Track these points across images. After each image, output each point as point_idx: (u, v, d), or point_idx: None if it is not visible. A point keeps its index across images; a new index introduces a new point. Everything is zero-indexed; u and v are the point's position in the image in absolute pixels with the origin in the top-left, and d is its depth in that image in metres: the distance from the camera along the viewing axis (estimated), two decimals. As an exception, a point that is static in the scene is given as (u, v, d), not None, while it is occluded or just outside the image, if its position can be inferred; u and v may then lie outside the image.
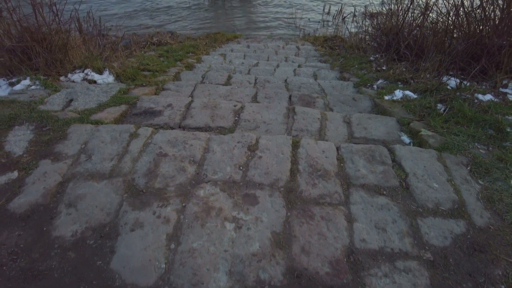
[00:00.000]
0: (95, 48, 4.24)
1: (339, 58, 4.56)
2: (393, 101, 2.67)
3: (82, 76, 3.02)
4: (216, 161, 1.64)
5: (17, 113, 2.16)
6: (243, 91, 2.77)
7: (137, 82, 2.91)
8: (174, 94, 2.67)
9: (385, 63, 3.92)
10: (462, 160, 1.77)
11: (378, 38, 4.65)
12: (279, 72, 3.65)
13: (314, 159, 1.66)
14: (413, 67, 3.57)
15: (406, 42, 3.86)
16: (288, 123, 2.14)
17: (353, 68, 3.85)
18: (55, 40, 3.15)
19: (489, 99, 2.60)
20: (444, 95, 2.69)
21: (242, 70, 3.67)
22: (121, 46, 4.77)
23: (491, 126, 2.14)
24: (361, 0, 9.36)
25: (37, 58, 2.97)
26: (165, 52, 4.30)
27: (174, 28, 8.16)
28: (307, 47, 5.74)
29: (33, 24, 3.20)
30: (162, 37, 5.51)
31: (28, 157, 1.77)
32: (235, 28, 8.43)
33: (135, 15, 9.21)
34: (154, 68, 3.40)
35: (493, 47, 3.22)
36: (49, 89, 2.62)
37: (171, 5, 9.95)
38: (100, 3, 9.96)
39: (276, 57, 4.75)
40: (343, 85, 3.13)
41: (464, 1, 3.71)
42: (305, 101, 2.63)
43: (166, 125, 2.10)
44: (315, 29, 8.16)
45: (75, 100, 2.42)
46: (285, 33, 8.10)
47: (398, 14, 4.42)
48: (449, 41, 3.74)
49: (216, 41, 6.04)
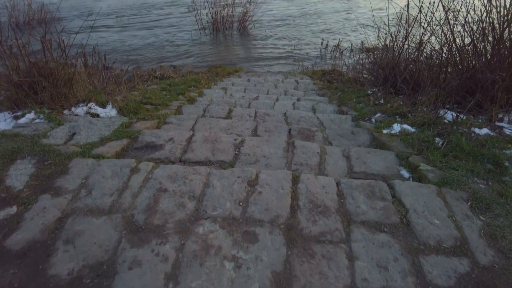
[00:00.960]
0: (99, 81, 4.37)
1: (337, 91, 4.67)
2: (391, 135, 2.71)
3: (86, 109, 3.08)
4: (216, 196, 1.64)
5: (20, 147, 2.18)
6: (243, 124, 2.82)
7: (140, 115, 2.97)
8: (176, 128, 2.71)
9: (382, 97, 4.01)
10: (462, 196, 1.77)
11: (375, 72, 4.79)
12: (278, 105, 3.73)
13: (314, 195, 1.66)
14: (410, 101, 3.65)
15: (403, 76, 3.97)
16: (288, 157, 2.16)
17: (351, 101, 3.93)
18: (61, 74, 3.25)
19: (485, 133, 2.64)
20: (442, 128, 2.73)
21: (243, 104, 3.75)
22: (124, 79, 4.91)
23: (490, 160, 2.15)
24: (358, 35, 9.73)
25: (43, 92, 3.05)
26: (168, 86, 4.41)
27: (176, 62, 8.42)
28: (305, 81, 5.90)
29: (41, 59, 3.32)
30: (164, 71, 5.68)
31: (28, 191, 1.77)
32: (236, 62, 8.69)
33: (139, 49, 9.54)
34: (156, 101, 3.48)
35: (487, 81, 3.31)
36: (53, 122, 2.67)
37: (175, 40, 10.32)
38: (106, 39, 10.34)
39: (276, 90, 4.87)
40: (342, 119, 3.19)
41: (456, 38, 3.86)
42: (304, 134, 2.67)
43: (167, 159, 2.12)
44: (314, 63, 8.41)
45: (78, 134, 2.46)
46: (284, 67, 8.34)
47: (394, 49, 4.58)
48: (444, 76, 3.85)
49: (218, 75, 6.22)
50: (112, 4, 15.34)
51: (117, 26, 11.86)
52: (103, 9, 14.29)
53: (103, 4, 15.28)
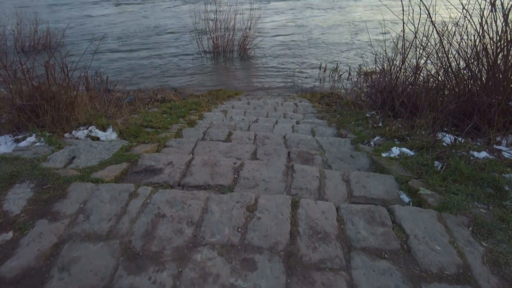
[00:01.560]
0: (100, 104, 4.42)
1: (335, 114, 4.72)
2: (390, 158, 2.71)
3: (86, 133, 3.10)
4: (214, 222, 1.63)
5: (19, 170, 2.18)
6: (243, 147, 2.83)
7: (140, 139, 2.98)
8: (175, 151, 2.72)
9: (381, 120, 4.05)
10: (463, 221, 1.75)
11: (373, 95, 4.86)
12: (278, 128, 3.76)
13: (314, 221, 1.65)
14: (408, 124, 3.68)
15: (400, 100, 4.03)
16: (287, 181, 2.16)
17: (349, 124, 3.97)
18: (63, 98, 3.29)
19: (484, 156, 2.64)
20: (440, 152, 2.74)
21: (242, 127, 3.78)
22: (125, 102, 4.97)
23: (489, 184, 2.15)
24: (355, 60, 9.94)
25: (44, 115, 3.08)
26: (168, 109, 4.46)
27: (178, 85, 8.55)
28: (304, 103, 5.98)
29: (44, 82, 3.37)
30: (166, 94, 5.77)
31: (25, 216, 1.75)
32: (236, 85, 8.83)
33: (141, 72, 9.72)
34: (157, 125, 3.51)
35: (483, 105, 3.35)
36: (53, 146, 2.68)
37: (176, 64, 10.53)
38: (109, 62, 10.55)
39: (275, 113, 4.93)
40: (341, 142, 3.21)
41: (451, 62, 3.94)
42: (303, 158, 2.67)
43: (166, 184, 2.12)
44: (312, 86, 8.54)
45: (78, 158, 2.46)
46: (283, 90, 8.47)
47: (391, 73, 4.67)
48: (441, 99, 3.90)
49: (218, 98, 6.30)
50: (118, 29, 15.77)
51: (120, 50, 12.14)
52: (111, 33, 14.70)
53: (116, 29, 15.71)
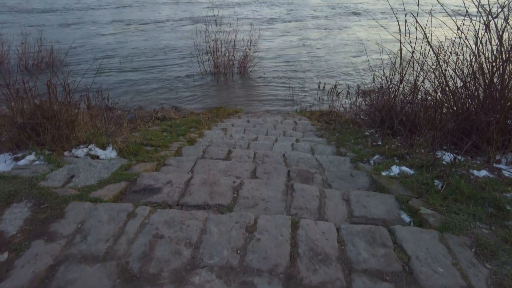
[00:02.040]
0: (101, 122, 4.44)
1: (335, 132, 4.74)
2: (390, 177, 2.70)
3: (86, 151, 3.11)
4: (213, 243, 1.60)
5: (17, 190, 2.17)
6: (242, 166, 2.82)
7: (139, 157, 2.98)
8: (175, 170, 2.72)
9: (380, 138, 4.06)
10: (465, 241, 1.73)
11: (372, 114, 4.90)
12: (277, 146, 3.77)
13: (314, 242, 1.62)
14: (407, 142, 3.69)
15: (399, 118, 4.05)
16: (287, 201, 2.14)
17: (349, 142, 3.98)
18: (64, 117, 3.31)
19: (484, 175, 2.64)
20: (440, 171, 2.73)
21: (242, 145, 3.79)
22: (126, 120, 5.00)
23: (491, 204, 2.13)
24: (353, 79, 10.07)
25: (45, 134, 3.09)
26: (169, 127, 4.48)
27: (178, 103, 8.62)
28: (304, 121, 6.01)
29: (46, 101, 3.40)
30: (166, 112, 5.81)
31: (22, 237, 1.73)
32: (236, 103, 8.90)
33: (142, 90, 9.82)
34: (157, 143, 3.51)
35: (482, 123, 3.36)
36: (52, 164, 2.68)
37: (177, 82, 10.66)
38: (111, 80, 10.68)
39: (275, 131, 4.95)
40: (340, 160, 3.21)
41: (448, 81, 3.99)
42: (303, 176, 2.66)
43: (165, 203, 2.10)
44: (311, 104, 8.61)
45: (77, 176, 2.45)
46: (283, 108, 8.54)
47: (390, 91, 4.72)
48: (439, 117, 3.92)
49: (218, 116, 6.34)
50: (124, 48, 16.05)
51: (123, 68, 12.30)
52: (116, 52, 14.95)
53: (122, 48, 15.99)
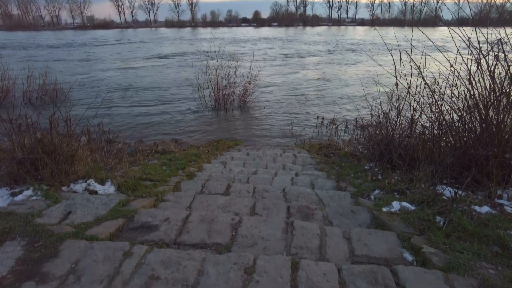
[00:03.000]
0: (101, 156, 4.45)
1: (334, 166, 4.74)
2: (391, 213, 2.67)
3: (84, 186, 3.09)
4: (210, 285, 1.55)
5: (11, 227, 2.13)
6: (241, 201, 2.79)
7: (138, 193, 2.96)
8: (173, 206, 2.68)
9: (379, 172, 4.05)
10: (471, 283, 1.67)
11: (370, 147, 4.92)
12: (277, 181, 3.75)
13: (315, 284, 1.57)
14: (407, 177, 3.67)
15: (398, 153, 4.07)
16: (287, 239, 2.10)
17: (349, 177, 3.97)
18: (64, 151, 3.32)
19: (487, 211, 2.60)
20: (441, 206, 2.70)
21: (241, 179, 3.77)
22: (126, 153, 5.01)
23: (495, 242, 2.09)
24: (351, 113, 10.23)
25: (44, 169, 3.08)
26: (168, 161, 4.49)
27: (179, 136, 8.70)
28: (303, 154, 6.03)
29: (47, 135, 3.43)
30: (166, 145, 5.84)
31: (12, 278, 1.67)
32: (236, 136, 8.99)
33: (143, 123, 9.95)
34: (155, 177, 3.50)
35: (480, 157, 3.36)
36: (49, 200, 2.65)
37: (178, 116, 10.84)
38: (113, 113, 10.85)
39: (274, 164, 4.95)
40: (341, 196, 3.18)
41: (444, 116, 4.04)
42: (303, 213, 2.63)
43: (162, 242, 2.05)
44: (311, 136, 8.69)
45: (73, 213, 2.42)
46: (282, 140, 8.61)
47: (387, 125, 4.78)
48: (438, 151, 3.93)
49: (218, 149, 6.37)
50: (131, 82, 16.47)
51: (127, 101, 12.56)
52: (122, 86, 15.35)
53: (128, 82, 16.38)
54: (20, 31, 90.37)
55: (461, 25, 3.62)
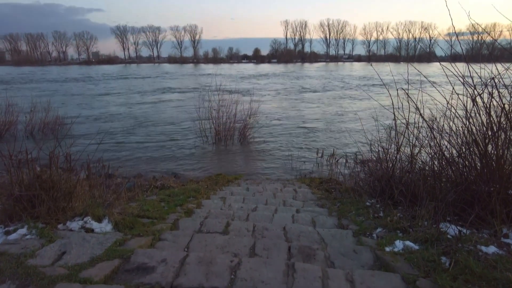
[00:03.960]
0: (99, 192, 4.41)
1: (335, 202, 4.68)
2: (394, 253, 2.59)
3: (81, 224, 3.02)
4: (207, 336, 1.46)
5: (2, 268, 2.07)
6: (241, 241, 2.72)
7: (135, 231, 2.90)
8: (170, 246, 2.61)
9: (381, 209, 3.99)
10: (483, 332, 1.58)
11: (371, 183, 4.89)
12: (277, 218, 3.68)
13: (317, 333, 1.49)
14: (409, 214, 3.61)
15: (399, 189, 4.03)
16: (288, 283, 2.02)
17: (350, 213, 3.91)
18: (63, 188, 3.29)
19: (493, 251, 2.53)
20: (446, 246, 2.63)
21: (241, 216, 3.70)
22: (124, 189, 4.97)
23: (505, 286, 2.01)
24: (351, 147, 10.29)
25: (41, 206, 3.04)
26: (167, 197, 4.44)
27: (179, 170, 8.68)
28: (304, 189, 5.98)
29: (46, 171, 3.42)
30: (165, 180, 5.81)
31: (-1, 326, 1.59)
32: (236, 169, 8.97)
33: (143, 157, 9.97)
34: (153, 215, 3.45)
35: (483, 194, 3.32)
36: (44, 239, 2.59)
37: (178, 149, 10.89)
38: (114, 146, 10.91)
39: (275, 200, 4.88)
40: (342, 234, 3.11)
41: (444, 152, 4.05)
42: (305, 253, 2.55)
43: (158, 285, 1.97)
44: (311, 170, 8.67)
45: (68, 253, 2.35)
46: (282, 174, 8.57)
47: (387, 161, 4.77)
48: (439, 186, 3.89)
49: (218, 184, 6.33)
50: (136, 116, 16.74)
51: (126, 135, 12.67)
52: (126, 119, 15.58)
53: (133, 115, 16.63)
54: (27, 65, 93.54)
55: (454, 61, 3.73)
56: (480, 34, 4.57)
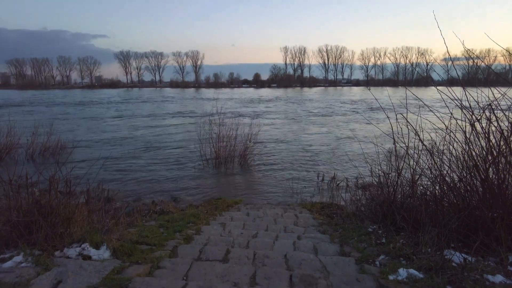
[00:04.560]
0: (98, 217, 4.36)
1: (337, 228, 4.62)
2: (398, 282, 2.53)
3: (79, 250, 2.97)
4: None
5: (-4, 299, 2.01)
6: (241, 269, 2.66)
7: (133, 258, 2.84)
8: (169, 274, 2.54)
9: (384, 235, 3.93)
10: None
11: (373, 208, 4.83)
12: (278, 245, 3.61)
13: None
14: (412, 240, 3.55)
15: (401, 215, 3.98)
16: (289, 314, 1.95)
17: (352, 240, 3.84)
18: (61, 214, 3.26)
19: (500, 280, 2.48)
20: (451, 275, 2.57)
21: (241, 243, 3.63)
22: (123, 214, 4.91)
23: (513, 318, 1.95)
24: (352, 170, 10.25)
25: (38, 232, 2.99)
26: (166, 222, 4.38)
27: (178, 194, 8.61)
28: (305, 215, 5.90)
29: (45, 195, 3.39)
30: (165, 205, 5.75)
31: None
32: (236, 193, 8.90)
33: (143, 180, 9.92)
34: (152, 241, 3.39)
35: (486, 220, 3.27)
36: (40, 267, 2.53)
37: (178, 173, 10.86)
38: (114, 170, 10.88)
39: (275, 226, 4.81)
40: (345, 262, 3.04)
41: (445, 177, 4.03)
42: (307, 282, 2.49)
43: (155, 317, 1.91)
44: (312, 195, 8.59)
45: (64, 282, 2.30)
46: (283, 198, 8.48)
47: (388, 186, 4.74)
48: (441, 211, 3.84)
49: (217, 209, 6.26)
50: (132, 139, 16.81)
51: (127, 158, 12.67)
52: (129, 142, 15.65)
53: (134, 137, 16.71)
54: (31, 89, 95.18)
55: (451, 85, 3.79)
56: (475, 59, 4.68)
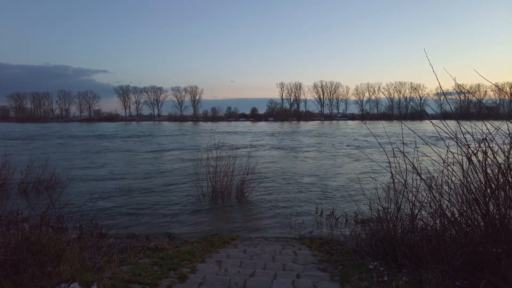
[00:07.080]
0: (90, 253, 4.21)
1: (337, 265, 4.47)
2: (404, 325, 2.40)
3: (66, 291, 2.82)
4: None
5: None
6: (238, 312, 2.52)
7: (124, 300, 2.69)
8: (161, 318, 2.40)
9: (385, 272, 3.80)
10: None
11: (373, 244, 4.72)
12: (276, 284, 3.46)
13: None
14: (415, 278, 3.43)
15: (402, 251, 3.88)
16: None
17: (353, 278, 3.70)
18: (51, 251, 3.14)
19: (510, 322, 2.35)
20: (460, 316, 2.45)
21: (238, 282, 3.48)
22: (116, 251, 4.75)
23: None
24: (350, 205, 10.11)
25: (25, 272, 2.86)
26: (160, 260, 4.23)
27: (173, 229, 8.40)
28: (304, 251, 5.72)
29: (36, 231, 3.29)
30: (159, 242, 5.58)
31: None
32: (233, 228, 8.68)
33: (139, 215, 9.71)
34: (145, 280, 3.24)
35: (491, 256, 3.18)
36: (24, 311, 2.38)
37: (174, 207, 10.67)
38: (108, 204, 10.67)
39: (273, 264, 4.64)
40: (347, 303, 2.90)
41: (445, 211, 3.97)
42: (307, 325, 2.35)
43: None
44: (310, 230, 8.40)
45: (48, 327, 2.15)
46: (281, 234, 8.27)
47: (388, 221, 4.65)
48: (444, 248, 3.74)
49: (213, 245, 6.08)
50: (128, 173, 16.68)
51: (121, 193, 12.48)
52: (127, 175, 15.48)
53: (130, 171, 16.57)
54: (29, 122, 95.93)
55: (445, 119, 3.86)
56: (466, 94, 4.82)
